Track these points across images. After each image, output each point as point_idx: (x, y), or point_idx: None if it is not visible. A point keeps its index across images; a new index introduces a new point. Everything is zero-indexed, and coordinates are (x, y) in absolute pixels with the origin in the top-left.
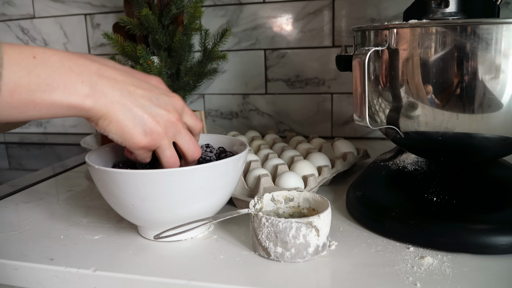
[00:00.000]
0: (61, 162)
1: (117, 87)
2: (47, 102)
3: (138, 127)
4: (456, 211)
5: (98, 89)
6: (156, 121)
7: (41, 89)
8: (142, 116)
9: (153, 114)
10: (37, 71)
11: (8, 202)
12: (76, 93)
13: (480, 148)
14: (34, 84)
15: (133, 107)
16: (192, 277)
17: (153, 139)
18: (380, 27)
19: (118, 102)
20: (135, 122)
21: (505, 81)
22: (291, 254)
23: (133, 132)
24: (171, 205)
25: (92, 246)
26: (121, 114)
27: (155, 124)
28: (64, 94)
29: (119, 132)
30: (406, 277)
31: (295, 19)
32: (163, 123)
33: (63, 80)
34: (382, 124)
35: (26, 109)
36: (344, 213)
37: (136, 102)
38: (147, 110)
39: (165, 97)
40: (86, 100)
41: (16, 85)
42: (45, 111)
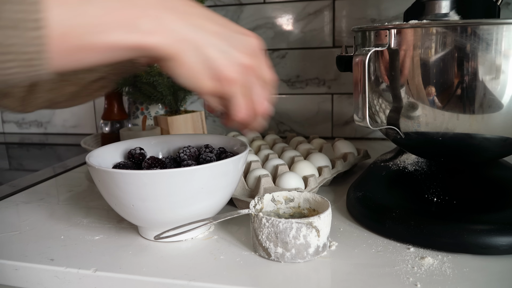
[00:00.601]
0: (61, 163)
1: (185, 21)
2: (104, 44)
3: (208, 70)
4: (456, 212)
5: (162, 24)
6: (229, 64)
7: (94, 31)
8: (214, 57)
9: (226, 56)
10: (87, 10)
11: (9, 202)
12: (137, 30)
13: (480, 148)
14: (85, 25)
15: (204, 46)
16: (193, 278)
17: (223, 85)
18: (381, 28)
19: (187, 40)
20: (205, 65)
21: (505, 81)
22: (291, 254)
23: (201, 76)
24: (172, 205)
25: (93, 246)
26: (191, 55)
27: (227, 68)
28: (124, 33)
29: (187, 75)
30: (406, 278)
31: (296, 19)
32: (237, 68)
33: (118, 17)
34: (382, 124)
35: (84, 55)
36: (344, 213)
37: (207, 41)
38: (220, 51)
39: (241, 36)
40: (149, 38)
41: (66, 29)
42: (106, 55)
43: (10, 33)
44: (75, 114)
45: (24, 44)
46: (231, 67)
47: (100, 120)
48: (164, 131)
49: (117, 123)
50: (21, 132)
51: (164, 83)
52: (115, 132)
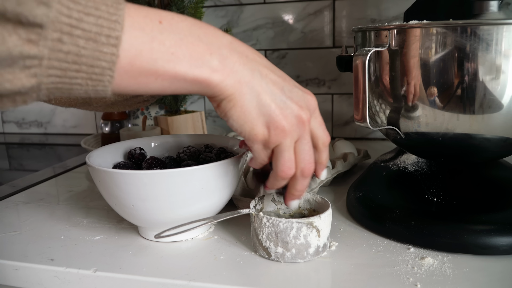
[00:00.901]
0: (61, 163)
1: (248, 66)
2: (170, 73)
3: (262, 117)
4: (456, 212)
5: (228, 64)
6: (284, 114)
7: (165, 58)
8: (270, 105)
9: (282, 106)
10: (162, 38)
11: (9, 202)
12: (203, 65)
13: (480, 148)
14: (157, 52)
15: (262, 93)
16: (193, 278)
17: (275, 134)
18: (381, 28)
19: (247, 83)
20: (260, 111)
21: (505, 82)
22: (291, 254)
23: (255, 121)
24: (172, 205)
25: (93, 246)
26: (248, 99)
27: (281, 117)
28: (190, 66)
29: (241, 119)
30: (406, 278)
31: (296, 19)
32: (291, 120)
33: (190, 50)
34: (382, 124)
35: (147, 80)
36: (344, 213)
37: (266, 88)
38: (276, 100)
39: (299, 91)
40: (213, 75)
41: (137, 52)
42: (167, 84)
43: (84, 44)
44: (75, 114)
45: (95, 57)
46: (285, 117)
47: (100, 120)
48: (164, 131)
49: (117, 123)
50: (21, 132)
51: None
52: (115, 132)
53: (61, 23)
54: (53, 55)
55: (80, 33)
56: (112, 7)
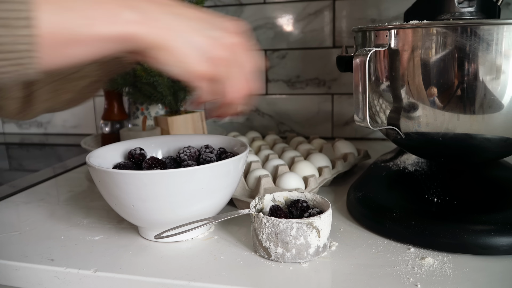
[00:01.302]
0: (61, 163)
1: (170, 11)
2: (91, 37)
3: (196, 53)
4: (456, 212)
5: (148, 14)
6: (218, 44)
7: (80, 23)
8: (203, 41)
9: (212, 37)
10: (72, 5)
11: (9, 202)
12: (123, 21)
13: (480, 149)
14: (72, 19)
15: (191, 31)
16: (193, 278)
17: (213, 66)
18: (381, 28)
19: (171, 27)
20: (195, 49)
21: (505, 82)
22: (291, 254)
23: (193, 60)
24: (172, 205)
25: (93, 246)
26: (179, 41)
27: (218, 49)
28: (110, 24)
29: (179, 62)
30: (406, 278)
31: (296, 19)
32: (225, 47)
33: (107, 8)
34: (382, 124)
35: (71, 50)
36: (344, 213)
37: (194, 27)
38: (207, 34)
39: (221, 19)
40: (135, 26)
41: (53, 25)
42: (92, 49)
43: (2, 32)
44: (75, 114)
45: (14, 42)
46: (219, 47)
47: (100, 121)
48: (164, 131)
49: (117, 124)
50: (21, 133)
51: (164, 83)
52: (115, 133)
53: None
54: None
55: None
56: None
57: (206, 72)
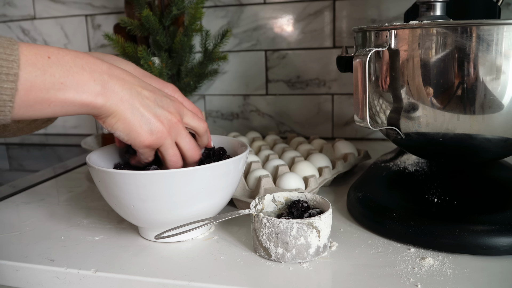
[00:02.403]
0: (61, 163)
1: (126, 86)
2: (61, 100)
3: (145, 126)
4: (457, 212)
5: (109, 87)
6: (160, 121)
7: (55, 88)
8: (148, 115)
9: (158, 115)
10: (51, 71)
11: (9, 203)
12: (88, 91)
13: (480, 149)
14: (49, 83)
15: (140, 107)
16: (193, 278)
17: (157, 138)
18: (381, 28)
19: (127, 101)
20: (142, 121)
21: (506, 82)
22: (291, 255)
23: (139, 130)
24: (172, 206)
25: (93, 247)
26: (129, 113)
27: (159, 124)
28: (77, 92)
29: (127, 130)
30: (407, 278)
31: (296, 20)
32: (167, 124)
33: (76, 79)
34: (383, 125)
35: (41, 107)
36: (345, 214)
37: (142, 102)
38: (152, 111)
39: (167, 100)
40: (98, 98)
41: (32, 84)
42: (59, 109)
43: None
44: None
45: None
46: (162, 122)
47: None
48: None
49: None
50: None
51: None
52: None
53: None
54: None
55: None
56: (8, 49)
57: (151, 142)
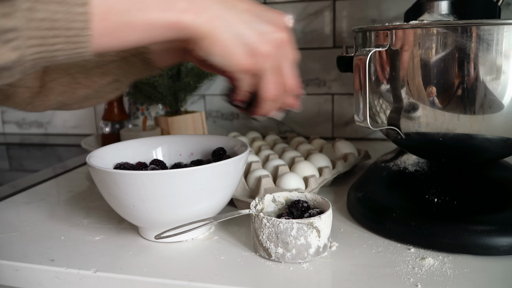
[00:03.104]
0: (61, 163)
1: (220, 1)
2: (143, 22)
3: (243, 46)
4: (457, 212)
5: (197, 2)
6: (264, 39)
7: (135, 8)
8: (248, 33)
9: (260, 32)
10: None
11: (9, 203)
12: (173, 8)
13: (481, 149)
14: (128, 2)
15: (237, 22)
16: (193, 278)
17: (259, 60)
18: (381, 28)
19: (220, 17)
20: (240, 41)
21: (506, 82)
22: (292, 255)
23: (236, 51)
24: (172, 206)
25: (93, 247)
26: (225, 32)
27: (262, 43)
28: (161, 11)
29: (223, 53)
30: (407, 278)
31: (296, 20)
32: (272, 42)
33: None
34: (383, 125)
35: (124, 34)
36: (345, 214)
37: (240, 17)
38: (254, 27)
39: (272, 13)
40: (185, 15)
41: (108, 6)
42: (143, 34)
43: (56, 9)
44: (76, 114)
45: (69, 19)
46: (264, 42)
47: (101, 121)
48: (165, 131)
49: (118, 124)
50: (22, 133)
51: (164, 83)
52: (116, 133)
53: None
54: (29, 24)
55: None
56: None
57: (250, 65)
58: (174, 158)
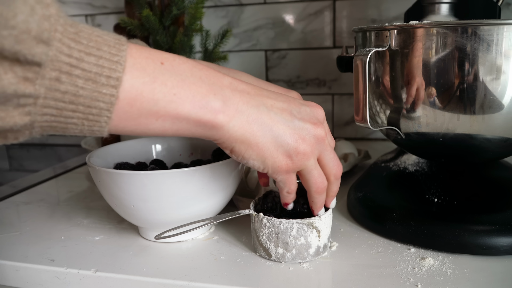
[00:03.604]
0: (62, 163)
1: (252, 103)
2: (172, 114)
3: (281, 148)
4: (457, 212)
5: (231, 105)
6: (302, 138)
7: (166, 99)
8: (285, 134)
9: (297, 130)
10: (163, 79)
11: (9, 203)
12: (206, 106)
13: (481, 149)
14: (159, 92)
15: (274, 124)
16: (193, 278)
17: (298, 160)
18: (381, 28)
19: (256, 120)
20: (277, 143)
21: (506, 82)
22: (292, 255)
23: (275, 155)
24: (172, 206)
25: (93, 247)
26: (261, 135)
27: (300, 142)
28: (193, 106)
29: (261, 157)
30: (407, 278)
31: (296, 20)
32: (309, 140)
33: (193, 90)
34: (383, 125)
35: (147, 121)
36: (345, 214)
37: (276, 118)
38: (290, 126)
39: (306, 108)
40: (218, 115)
41: (138, 93)
42: (168, 125)
43: (83, 84)
44: None
45: (93, 98)
46: (304, 140)
47: None
48: None
49: None
50: None
51: None
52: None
53: (60, 62)
54: (50, 94)
55: (80, 73)
56: (114, 48)
57: (289, 167)
58: (174, 158)
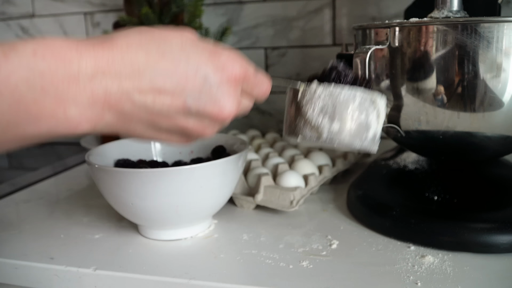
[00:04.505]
0: (61, 161)
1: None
2: (14, 136)
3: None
4: (457, 210)
5: (92, 109)
6: (202, 127)
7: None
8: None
9: (197, 123)
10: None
11: (8, 201)
12: (61, 117)
13: (481, 147)
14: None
15: (157, 134)
16: (193, 276)
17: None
18: (381, 26)
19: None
20: (153, 127)
21: (506, 79)
22: (350, 133)
23: (158, 137)
24: (171, 203)
25: (93, 245)
26: (135, 126)
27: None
28: (50, 125)
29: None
30: (407, 276)
31: (296, 17)
32: (208, 129)
33: (46, 107)
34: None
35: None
36: (345, 212)
37: (162, 127)
38: (189, 122)
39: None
40: (80, 127)
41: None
42: (16, 146)
43: None
44: None
45: None
46: (197, 130)
47: None
48: None
49: None
50: None
51: None
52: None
53: None
54: None
55: None
56: None
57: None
58: (174, 156)
